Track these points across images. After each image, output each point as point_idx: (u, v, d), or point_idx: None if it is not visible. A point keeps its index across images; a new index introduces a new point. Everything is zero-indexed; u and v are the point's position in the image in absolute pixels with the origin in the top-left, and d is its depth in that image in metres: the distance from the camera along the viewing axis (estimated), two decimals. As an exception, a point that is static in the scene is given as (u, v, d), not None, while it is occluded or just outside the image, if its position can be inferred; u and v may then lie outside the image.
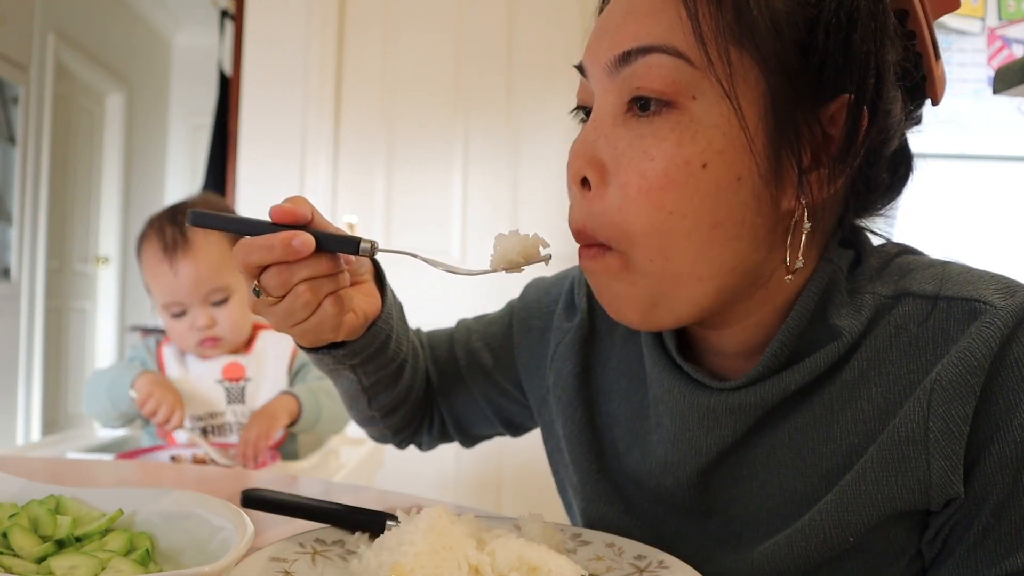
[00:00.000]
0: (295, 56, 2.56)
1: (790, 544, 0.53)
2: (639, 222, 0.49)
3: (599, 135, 0.51)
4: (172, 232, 1.30)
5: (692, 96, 0.48)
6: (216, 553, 0.47)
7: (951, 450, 0.48)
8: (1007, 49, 1.72)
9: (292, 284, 0.55)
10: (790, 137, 0.48)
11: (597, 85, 0.52)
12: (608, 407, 0.66)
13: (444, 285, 2.60)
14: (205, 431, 1.29)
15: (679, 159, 0.48)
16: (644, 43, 0.49)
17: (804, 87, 0.48)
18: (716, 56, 0.47)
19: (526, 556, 0.49)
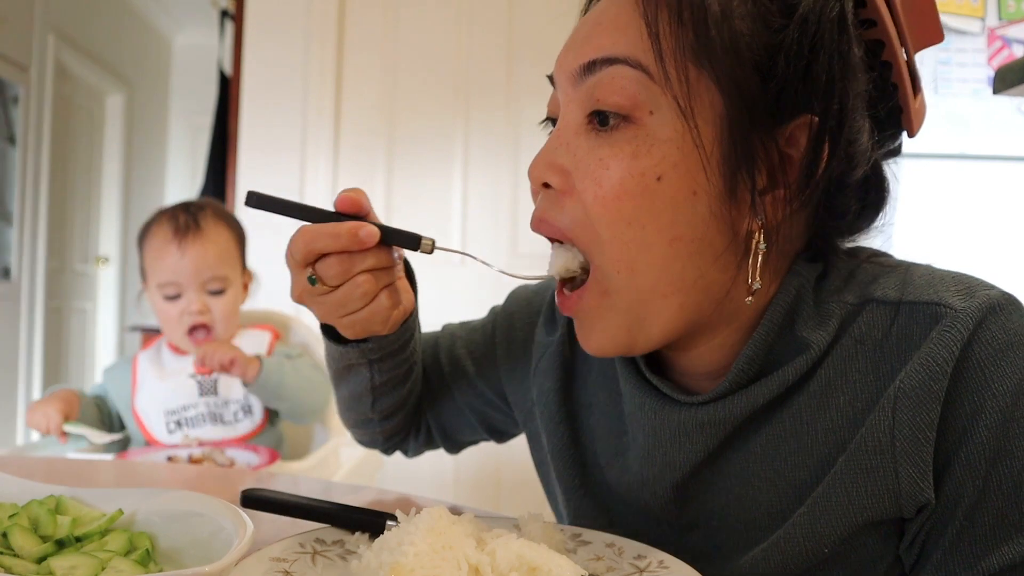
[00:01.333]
0: (295, 56, 2.56)
1: (767, 557, 0.53)
2: (604, 231, 0.50)
3: (560, 143, 0.52)
4: (186, 218, 1.34)
5: (649, 111, 0.49)
6: (216, 553, 0.47)
7: (918, 457, 0.48)
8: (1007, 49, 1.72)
9: (352, 274, 0.56)
10: (745, 157, 0.49)
11: (563, 95, 0.54)
12: (589, 421, 0.66)
13: (445, 285, 2.60)
14: (180, 423, 1.31)
15: (634, 170, 0.49)
16: (608, 54, 0.50)
17: (761, 110, 0.48)
18: (674, 73, 0.48)
19: (526, 556, 0.49)
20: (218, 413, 1.33)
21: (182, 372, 1.36)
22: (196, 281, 1.31)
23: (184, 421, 1.32)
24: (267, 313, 1.59)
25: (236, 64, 2.62)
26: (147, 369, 1.38)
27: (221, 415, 1.33)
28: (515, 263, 2.61)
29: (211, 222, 1.34)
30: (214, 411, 1.33)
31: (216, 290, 1.33)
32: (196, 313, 1.31)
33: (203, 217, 1.34)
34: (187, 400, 1.33)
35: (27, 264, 3.79)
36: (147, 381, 1.36)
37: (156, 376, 1.36)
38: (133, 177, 5.01)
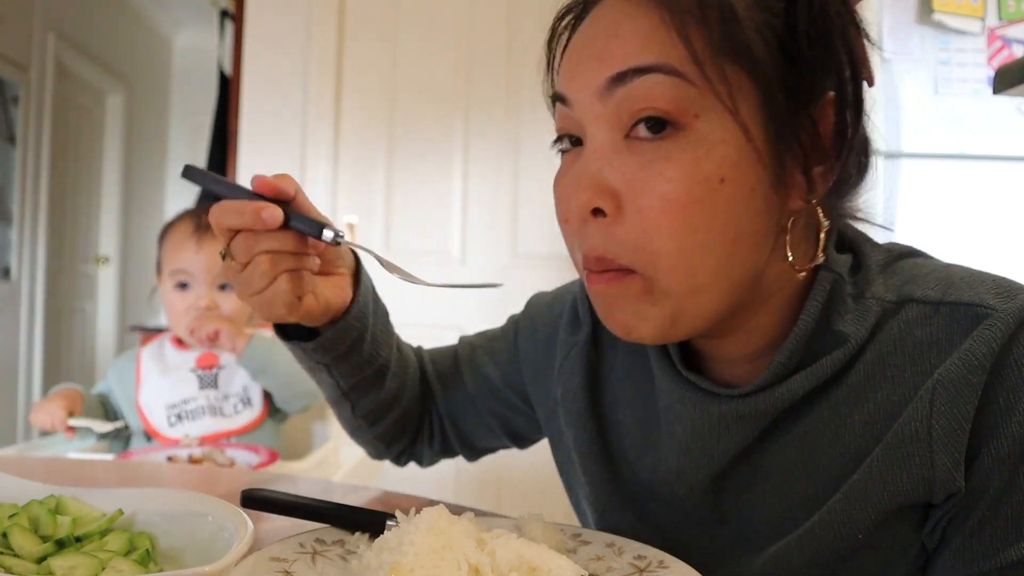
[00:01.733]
0: (295, 56, 2.56)
1: (801, 545, 0.54)
2: (666, 243, 0.49)
3: (602, 163, 0.51)
4: (207, 218, 1.36)
5: (695, 115, 0.49)
6: (216, 553, 0.47)
7: (953, 447, 0.49)
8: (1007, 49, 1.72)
9: (254, 253, 0.58)
10: (791, 142, 0.50)
11: (586, 112, 0.52)
12: (616, 417, 0.66)
13: (444, 285, 2.60)
14: (180, 416, 1.32)
15: (698, 176, 0.48)
16: (639, 63, 0.49)
17: (794, 92, 0.49)
18: (713, 74, 0.48)
19: (526, 556, 0.49)
20: (218, 406, 1.34)
21: (183, 366, 1.37)
22: (208, 276, 1.34)
23: (185, 414, 1.33)
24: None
25: (236, 64, 2.62)
26: (150, 364, 1.39)
27: (221, 408, 1.34)
28: (515, 263, 2.61)
29: None
30: (214, 404, 1.34)
31: (226, 284, 1.36)
32: (204, 308, 1.33)
33: None
34: (188, 394, 1.34)
35: (27, 264, 3.79)
36: (150, 376, 1.37)
37: (158, 371, 1.37)
38: (133, 177, 5.01)
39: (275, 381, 1.34)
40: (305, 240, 0.59)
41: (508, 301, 2.95)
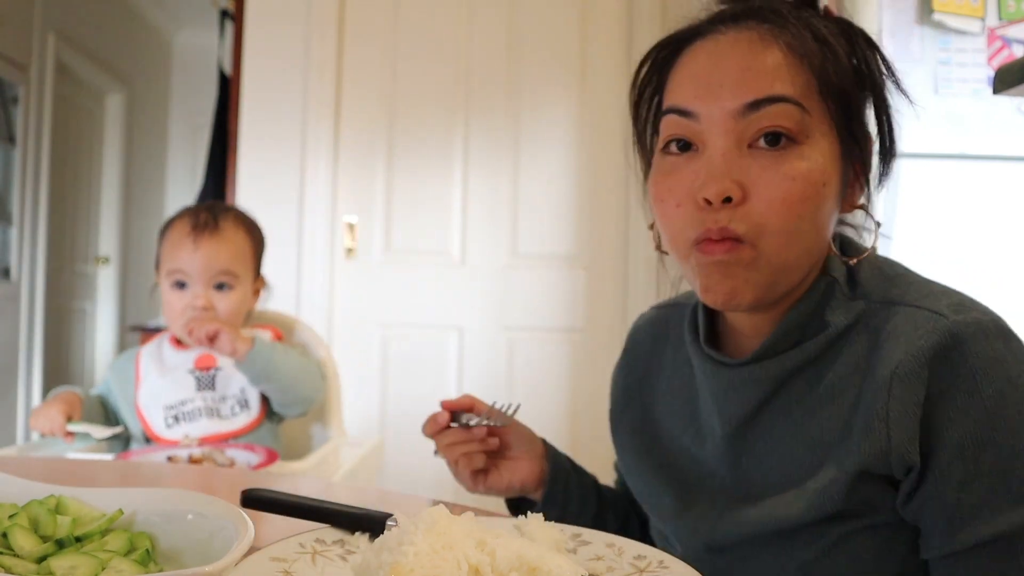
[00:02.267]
0: (295, 56, 2.56)
1: (788, 504, 0.65)
2: (777, 225, 0.64)
3: (729, 164, 0.64)
4: (206, 217, 1.39)
5: (807, 135, 0.64)
6: (216, 553, 0.47)
7: (906, 426, 0.60)
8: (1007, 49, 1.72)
9: (442, 446, 0.83)
10: (857, 160, 0.68)
11: (715, 126, 0.65)
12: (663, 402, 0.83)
13: (445, 285, 2.60)
14: (177, 418, 1.32)
15: (811, 179, 0.64)
16: (771, 94, 0.64)
17: (856, 123, 0.67)
18: (821, 107, 0.65)
19: (526, 556, 0.49)
20: (215, 408, 1.34)
21: (181, 367, 1.36)
22: (204, 276, 1.34)
23: (182, 416, 1.33)
24: (273, 315, 1.59)
25: (236, 64, 2.62)
26: (148, 364, 1.39)
27: (218, 410, 1.34)
28: (514, 263, 2.61)
29: (230, 223, 1.39)
30: (211, 406, 1.34)
31: (223, 284, 1.35)
32: (200, 308, 1.33)
33: (223, 218, 1.39)
34: (185, 395, 1.34)
35: (27, 264, 3.79)
36: (149, 376, 1.37)
37: (156, 371, 1.37)
38: (133, 177, 5.01)
39: (274, 387, 1.33)
40: (470, 431, 0.82)
41: (508, 301, 2.95)
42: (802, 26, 0.65)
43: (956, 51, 1.71)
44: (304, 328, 1.60)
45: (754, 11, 0.67)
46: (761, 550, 0.68)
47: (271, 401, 1.37)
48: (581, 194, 2.63)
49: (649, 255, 2.60)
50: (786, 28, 0.65)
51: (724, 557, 0.71)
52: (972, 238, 1.68)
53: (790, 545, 0.66)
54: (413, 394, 2.59)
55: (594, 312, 2.63)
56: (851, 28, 0.68)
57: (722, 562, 0.71)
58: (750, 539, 0.68)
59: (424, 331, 2.61)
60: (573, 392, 2.61)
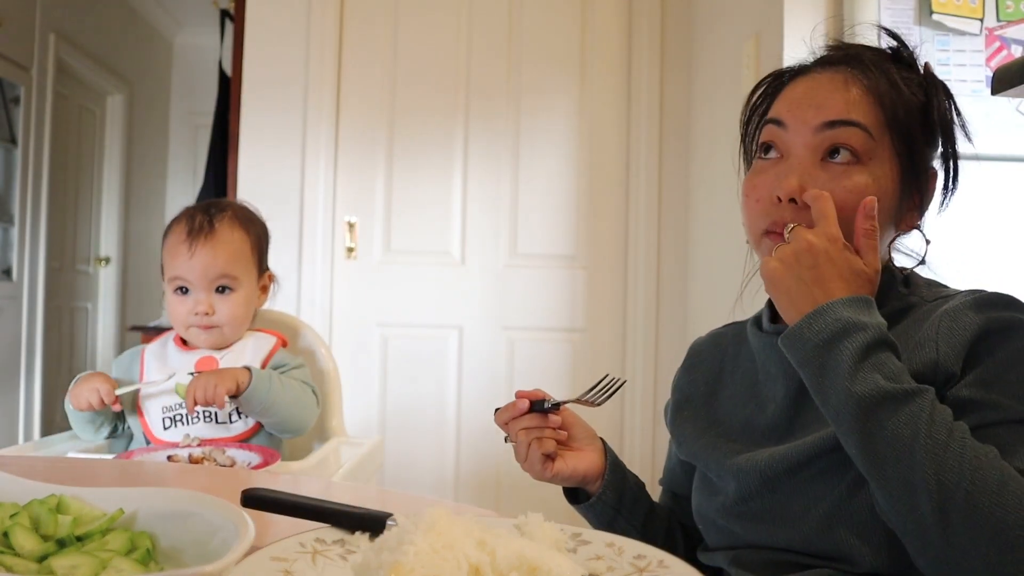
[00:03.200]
0: (295, 56, 2.56)
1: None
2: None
3: (803, 172, 0.78)
4: (201, 219, 1.37)
5: (871, 158, 0.77)
6: (217, 552, 0.47)
7: (950, 344, 0.70)
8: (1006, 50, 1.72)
9: (516, 431, 0.90)
10: (914, 188, 0.81)
11: (798, 137, 0.79)
12: (725, 393, 0.92)
13: (446, 284, 2.60)
14: (175, 420, 1.32)
15: (866, 193, 0.76)
16: (847, 118, 0.77)
17: (921, 159, 0.80)
18: (888, 135, 0.78)
19: (526, 556, 0.49)
20: (213, 412, 1.33)
21: (183, 369, 1.36)
22: (203, 281, 1.34)
23: (179, 419, 1.33)
24: (276, 316, 1.58)
25: (236, 64, 2.62)
26: (152, 363, 1.39)
27: (216, 415, 1.33)
28: (514, 263, 2.62)
29: (227, 224, 1.37)
30: (209, 410, 1.33)
31: (224, 288, 1.35)
32: (202, 314, 1.33)
33: (220, 219, 1.37)
34: (183, 398, 1.33)
35: (28, 264, 3.80)
36: (151, 376, 1.37)
37: (158, 371, 1.37)
38: (133, 177, 5.01)
39: (269, 421, 1.33)
40: (546, 418, 0.88)
41: (508, 302, 2.95)
42: (882, 73, 0.79)
43: (955, 51, 1.71)
44: (310, 332, 1.59)
45: (849, 58, 0.81)
46: (812, 477, 0.74)
47: (265, 426, 1.36)
48: (581, 194, 2.64)
49: (648, 255, 2.61)
50: (868, 73, 0.79)
51: (774, 487, 0.77)
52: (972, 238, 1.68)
53: (837, 468, 0.72)
54: (413, 394, 2.59)
55: (594, 312, 2.63)
56: (931, 79, 0.82)
57: (772, 492, 0.77)
58: (801, 465, 0.75)
59: (424, 331, 2.62)
60: (573, 392, 2.60)
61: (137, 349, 1.44)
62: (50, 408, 4.07)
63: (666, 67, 2.61)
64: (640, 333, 2.58)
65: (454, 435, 2.60)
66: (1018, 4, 1.73)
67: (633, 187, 2.62)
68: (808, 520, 0.74)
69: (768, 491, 0.77)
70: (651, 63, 2.61)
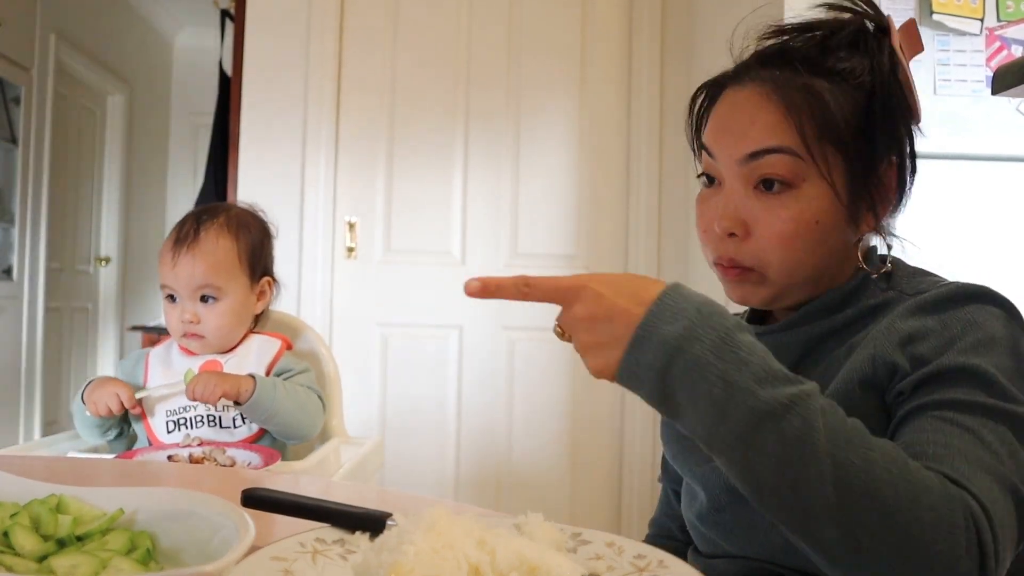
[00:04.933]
0: (296, 56, 2.56)
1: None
2: (777, 257, 0.74)
3: (736, 204, 0.75)
4: (188, 227, 1.36)
5: (803, 179, 0.73)
6: (217, 552, 0.47)
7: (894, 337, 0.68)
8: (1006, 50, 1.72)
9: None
10: (864, 193, 0.75)
11: (727, 169, 0.76)
12: None
13: (446, 284, 2.60)
14: (179, 424, 1.32)
15: (803, 219, 0.73)
16: (768, 146, 0.73)
17: (869, 160, 0.74)
18: (817, 154, 0.72)
19: (526, 555, 0.49)
20: (217, 416, 1.33)
21: (184, 372, 1.36)
22: (186, 290, 1.34)
23: (183, 422, 1.32)
24: (279, 316, 1.58)
25: (237, 64, 2.62)
26: (156, 367, 1.38)
27: (220, 419, 1.33)
28: (515, 262, 2.62)
29: (213, 232, 1.36)
30: (213, 414, 1.33)
31: (208, 298, 1.34)
32: (187, 322, 1.34)
33: (208, 227, 1.36)
34: (187, 401, 1.33)
35: (28, 264, 3.80)
36: (155, 379, 1.37)
37: (162, 375, 1.36)
38: (134, 177, 5.01)
39: (273, 427, 1.33)
40: None
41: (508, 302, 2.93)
42: (805, 81, 0.73)
43: (955, 52, 1.71)
44: (312, 333, 1.59)
45: (777, 61, 0.76)
46: None
47: (269, 431, 1.36)
48: (581, 194, 2.64)
49: (648, 255, 2.61)
50: (790, 85, 0.74)
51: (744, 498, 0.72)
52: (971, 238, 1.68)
53: None
54: (413, 394, 2.59)
55: (594, 312, 2.62)
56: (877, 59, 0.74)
57: (741, 503, 0.73)
58: None
59: (424, 331, 2.62)
60: (573, 392, 2.61)
61: (142, 352, 1.44)
62: (50, 408, 4.08)
63: (667, 63, 2.61)
64: (640, 333, 2.58)
65: (454, 435, 2.60)
66: (1018, 4, 1.73)
67: (634, 186, 2.62)
68: (778, 535, 0.68)
69: (737, 502, 0.75)
70: (651, 60, 2.61)
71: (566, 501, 2.55)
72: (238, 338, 1.40)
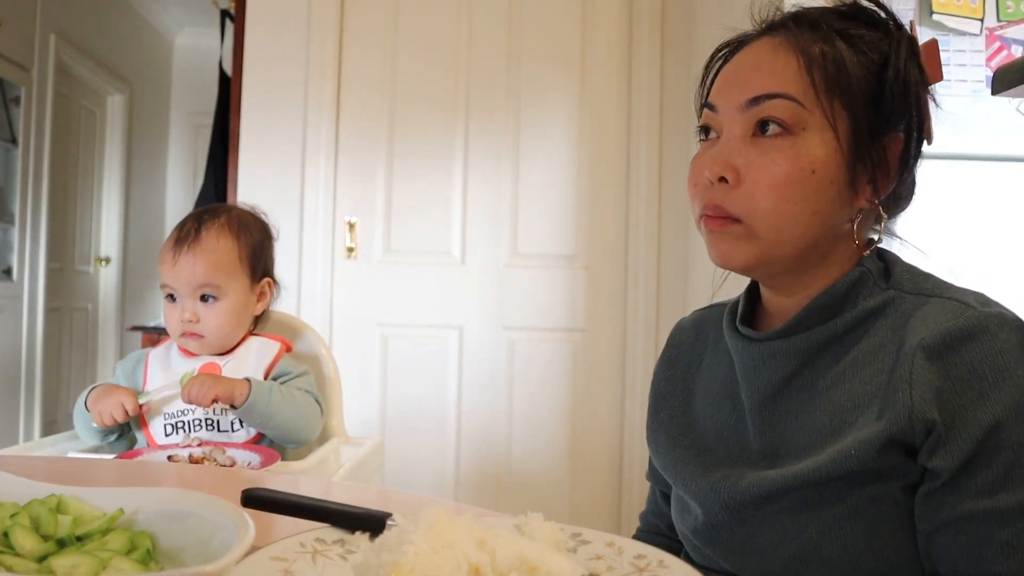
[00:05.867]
0: (295, 56, 2.56)
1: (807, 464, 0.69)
2: (766, 206, 0.71)
3: (732, 150, 0.73)
4: (189, 227, 1.36)
5: (803, 127, 0.71)
6: (217, 552, 0.47)
7: (926, 388, 0.64)
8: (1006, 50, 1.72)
9: None
10: (865, 159, 0.72)
11: (726, 117, 0.75)
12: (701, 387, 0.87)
13: (446, 284, 2.60)
14: (176, 427, 1.31)
15: (797, 165, 0.70)
16: (770, 91, 0.72)
17: (874, 125, 0.72)
18: (825, 103, 0.71)
19: (526, 555, 0.49)
20: (215, 420, 1.33)
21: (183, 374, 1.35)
22: (187, 289, 1.34)
23: (181, 425, 1.32)
24: (280, 317, 1.58)
25: (237, 64, 2.62)
26: (156, 369, 1.38)
27: (218, 422, 1.33)
28: (515, 263, 2.62)
29: (215, 232, 1.36)
30: (211, 417, 1.33)
31: (208, 297, 1.34)
32: (187, 321, 1.34)
33: (209, 227, 1.36)
34: (186, 404, 1.33)
35: (28, 264, 3.80)
36: (154, 382, 1.36)
37: (162, 377, 1.36)
38: (134, 177, 5.01)
39: (270, 432, 1.33)
40: None
41: (507, 301, 2.95)
42: (820, 33, 0.72)
43: (955, 52, 1.71)
44: (308, 331, 1.59)
45: (790, 19, 0.75)
46: (780, 512, 0.70)
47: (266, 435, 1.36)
48: (581, 194, 2.64)
49: (648, 255, 2.61)
50: (804, 35, 0.73)
51: (742, 518, 0.73)
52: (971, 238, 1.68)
53: (808, 507, 0.69)
54: (413, 394, 2.59)
55: (594, 312, 2.63)
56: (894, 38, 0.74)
57: (740, 524, 0.73)
58: (769, 499, 0.71)
59: (424, 331, 2.62)
60: (573, 392, 2.61)
61: (141, 353, 1.44)
62: (50, 408, 4.08)
63: (667, 63, 2.61)
64: (640, 333, 2.58)
65: (454, 435, 2.60)
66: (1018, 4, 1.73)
67: (634, 186, 2.62)
68: (777, 558, 0.70)
69: (736, 522, 0.73)
70: (651, 59, 2.61)
71: (566, 501, 2.55)
72: (237, 339, 1.40)
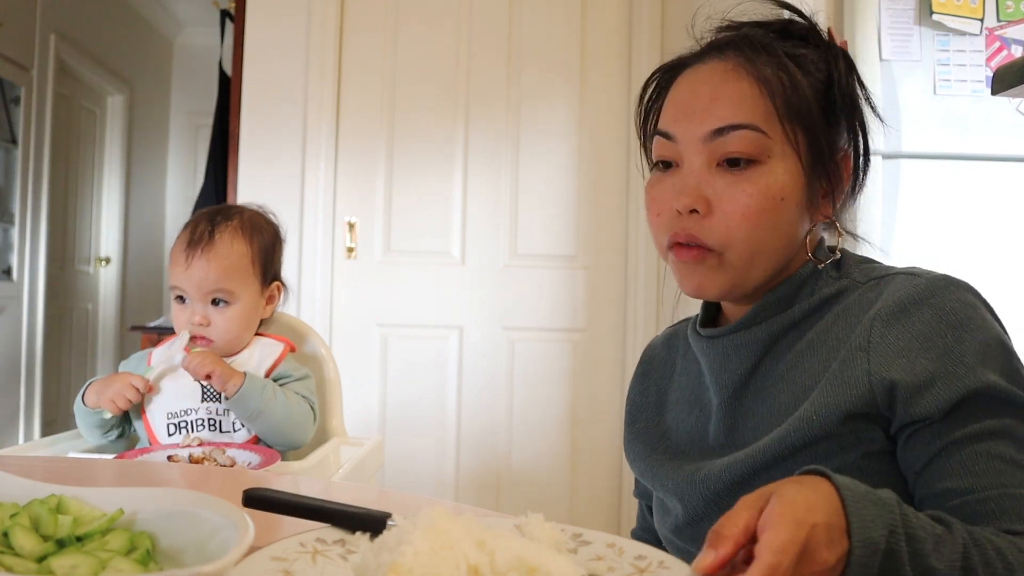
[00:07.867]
0: (295, 56, 2.56)
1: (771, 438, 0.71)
2: (740, 236, 0.73)
3: (698, 180, 0.74)
4: (202, 229, 1.35)
5: (768, 155, 0.73)
6: (216, 552, 0.47)
7: (886, 350, 0.67)
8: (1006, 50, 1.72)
9: None
10: (823, 176, 0.75)
11: (688, 147, 0.75)
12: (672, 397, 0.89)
13: (446, 285, 2.60)
14: (179, 427, 1.31)
15: (768, 195, 0.73)
16: (734, 122, 0.73)
17: (829, 143, 0.75)
18: (786, 130, 0.73)
19: (526, 556, 0.49)
20: (217, 420, 1.32)
21: (187, 376, 1.35)
22: (198, 293, 1.33)
23: (184, 425, 1.32)
24: (285, 319, 1.58)
25: (236, 64, 2.62)
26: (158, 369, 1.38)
27: (220, 423, 1.33)
28: (514, 263, 2.62)
29: (228, 235, 1.35)
30: (214, 417, 1.32)
31: (219, 301, 1.34)
32: (196, 325, 1.33)
33: (222, 229, 1.35)
34: (189, 404, 1.33)
35: (28, 264, 3.80)
36: (157, 381, 1.36)
37: (167, 376, 1.36)
38: (134, 177, 5.01)
39: (259, 428, 1.32)
40: None
41: (508, 301, 2.95)
42: (773, 58, 0.74)
43: (955, 52, 1.71)
44: (311, 333, 1.59)
45: (737, 42, 0.76)
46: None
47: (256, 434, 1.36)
48: (581, 194, 2.64)
49: (649, 255, 2.61)
50: (757, 60, 0.74)
51: (720, 506, 0.72)
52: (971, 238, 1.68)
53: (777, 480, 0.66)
54: (413, 394, 2.59)
55: (594, 312, 2.63)
56: (831, 51, 0.77)
57: (719, 512, 0.66)
58: (742, 482, 0.72)
59: (424, 331, 2.62)
60: (573, 392, 2.61)
61: (144, 353, 1.44)
62: (50, 408, 4.08)
63: (666, 67, 2.61)
64: (640, 333, 2.58)
65: (454, 435, 2.60)
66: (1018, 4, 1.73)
67: (633, 186, 2.62)
68: None
69: (716, 511, 0.73)
70: (651, 60, 2.61)
71: (566, 501, 2.55)
72: (245, 343, 1.39)
